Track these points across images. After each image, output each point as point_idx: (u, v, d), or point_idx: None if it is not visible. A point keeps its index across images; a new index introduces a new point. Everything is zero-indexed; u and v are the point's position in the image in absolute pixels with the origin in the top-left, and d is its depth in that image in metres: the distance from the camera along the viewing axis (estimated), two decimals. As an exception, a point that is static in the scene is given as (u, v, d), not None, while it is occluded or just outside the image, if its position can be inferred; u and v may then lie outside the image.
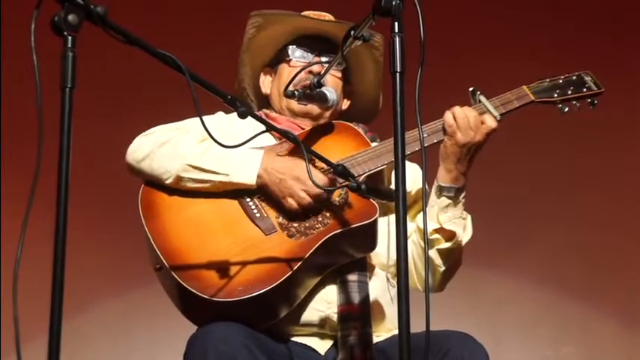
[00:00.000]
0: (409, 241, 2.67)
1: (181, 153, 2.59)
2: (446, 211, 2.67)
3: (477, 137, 2.63)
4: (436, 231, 2.67)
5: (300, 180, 2.54)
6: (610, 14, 4.85)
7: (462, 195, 2.68)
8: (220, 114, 2.81)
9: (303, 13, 2.92)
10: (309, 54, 2.87)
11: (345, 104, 2.94)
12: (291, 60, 2.88)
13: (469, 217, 2.73)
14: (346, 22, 2.79)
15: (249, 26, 2.90)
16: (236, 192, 2.61)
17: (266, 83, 2.97)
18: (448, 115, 2.65)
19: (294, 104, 2.82)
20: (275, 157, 2.61)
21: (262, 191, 2.60)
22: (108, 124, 4.38)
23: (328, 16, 2.93)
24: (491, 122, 2.65)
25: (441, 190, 2.67)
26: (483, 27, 4.85)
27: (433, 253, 2.69)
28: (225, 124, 2.66)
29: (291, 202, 2.56)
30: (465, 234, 2.70)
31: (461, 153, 2.63)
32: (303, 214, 2.57)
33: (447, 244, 2.69)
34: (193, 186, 2.59)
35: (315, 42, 2.88)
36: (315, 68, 2.81)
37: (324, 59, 2.84)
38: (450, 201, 2.66)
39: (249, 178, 2.58)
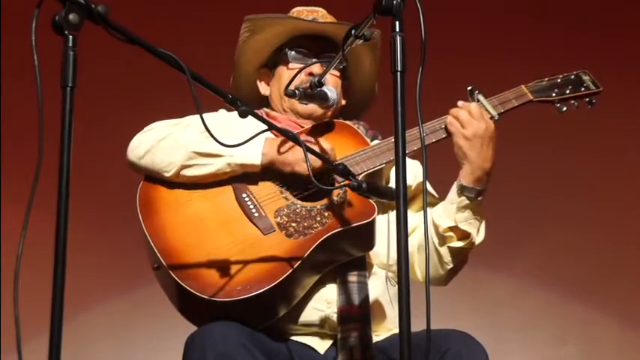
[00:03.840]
0: (417, 233, 2.69)
1: (183, 143, 2.60)
2: (463, 211, 2.65)
3: (483, 125, 2.62)
4: (450, 229, 2.67)
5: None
6: (610, 15, 4.85)
7: (481, 197, 2.66)
8: (222, 111, 2.81)
9: (294, 10, 2.93)
10: (307, 57, 2.87)
11: (343, 103, 2.94)
12: (289, 63, 2.88)
13: (484, 220, 2.71)
14: (342, 23, 2.81)
15: (243, 30, 2.89)
16: (236, 187, 2.61)
17: (263, 85, 2.97)
18: (449, 117, 2.66)
19: (298, 105, 2.82)
20: (278, 141, 2.61)
21: (267, 176, 2.60)
22: (108, 124, 4.38)
23: (321, 11, 2.93)
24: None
25: (462, 190, 2.65)
26: (483, 27, 4.85)
27: (444, 250, 2.68)
28: (228, 121, 2.66)
29: (304, 166, 2.50)
30: (478, 236, 2.70)
31: (474, 146, 2.61)
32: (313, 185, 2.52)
33: (460, 244, 2.68)
34: (197, 173, 2.59)
35: (312, 41, 2.88)
36: (315, 69, 2.81)
37: (322, 59, 2.84)
38: (468, 202, 2.65)
39: (254, 157, 2.58)
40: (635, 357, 4.62)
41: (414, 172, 2.76)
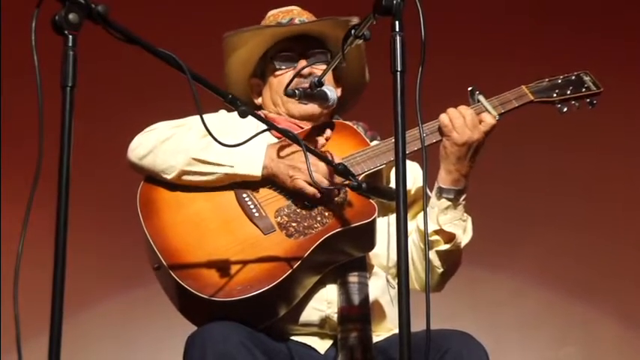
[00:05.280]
0: (408, 241, 2.67)
1: (185, 147, 2.60)
2: (446, 213, 2.66)
3: (475, 136, 2.62)
4: (436, 232, 2.67)
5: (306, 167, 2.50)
6: (609, 15, 4.86)
7: (463, 197, 2.67)
8: (222, 112, 2.81)
9: (270, 14, 2.93)
10: (294, 60, 2.86)
11: (339, 91, 2.93)
12: (278, 70, 2.88)
13: (469, 219, 2.72)
14: (318, 20, 2.85)
15: (224, 47, 2.89)
16: (236, 188, 2.61)
17: (255, 96, 2.97)
18: (443, 116, 2.65)
19: (293, 108, 2.83)
20: (278, 151, 2.61)
21: (267, 182, 2.60)
22: (108, 124, 4.38)
23: (296, 9, 2.94)
24: (489, 120, 2.65)
25: (440, 192, 2.66)
26: (484, 27, 4.85)
27: (432, 255, 2.68)
28: (228, 122, 2.66)
29: (303, 183, 2.55)
30: (464, 236, 2.70)
31: (460, 152, 2.62)
32: (312, 199, 2.56)
33: (446, 246, 2.68)
34: (197, 179, 2.59)
35: (294, 42, 2.88)
36: (305, 71, 2.81)
37: (311, 60, 2.84)
38: (449, 203, 2.66)
39: (255, 169, 2.58)
40: (635, 357, 4.62)
41: (414, 175, 2.75)
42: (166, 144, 2.62)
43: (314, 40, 2.87)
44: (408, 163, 2.42)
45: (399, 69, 2.06)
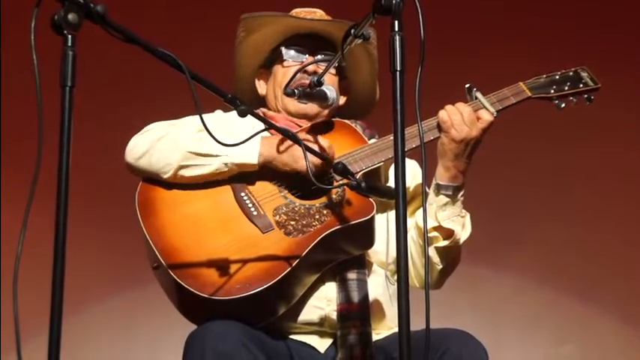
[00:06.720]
0: (408, 237, 2.68)
1: (180, 143, 2.60)
2: (444, 210, 2.66)
3: (473, 133, 2.63)
4: (434, 229, 2.67)
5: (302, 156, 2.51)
6: (608, 11, 4.86)
7: (461, 193, 2.68)
8: (219, 112, 2.82)
9: (293, 12, 2.93)
10: (303, 54, 2.87)
11: (342, 99, 2.94)
12: (284, 61, 2.88)
13: (468, 215, 2.72)
14: (337, 20, 2.83)
15: (239, 30, 2.91)
16: (234, 187, 2.61)
17: (261, 85, 2.97)
18: (442, 113, 2.66)
19: (290, 105, 2.83)
20: (274, 140, 2.61)
21: (265, 176, 2.60)
22: (108, 123, 4.38)
23: (319, 12, 2.93)
24: (487, 116, 2.66)
25: (439, 189, 2.67)
26: (483, 25, 4.85)
27: (431, 251, 2.68)
28: (225, 122, 2.66)
29: (303, 164, 2.53)
30: (463, 232, 2.70)
31: (458, 149, 2.63)
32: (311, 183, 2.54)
33: (445, 243, 2.69)
34: (194, 173, 2.59)
35: (308, 40, 2.88)
36: (310, 68, 2.82)
37: (318, 57, 2.85)
38: (448, 199, 2.66)
39: (252, 157, 2.58)
40: (635, 355, 4.62)
41: (412, 172, 2.76)
42: (161, 143, 2.62)
43: (326, 43, 2.86)
44: (407, 160, 2.42)
45: (398, 68, 2.06)
